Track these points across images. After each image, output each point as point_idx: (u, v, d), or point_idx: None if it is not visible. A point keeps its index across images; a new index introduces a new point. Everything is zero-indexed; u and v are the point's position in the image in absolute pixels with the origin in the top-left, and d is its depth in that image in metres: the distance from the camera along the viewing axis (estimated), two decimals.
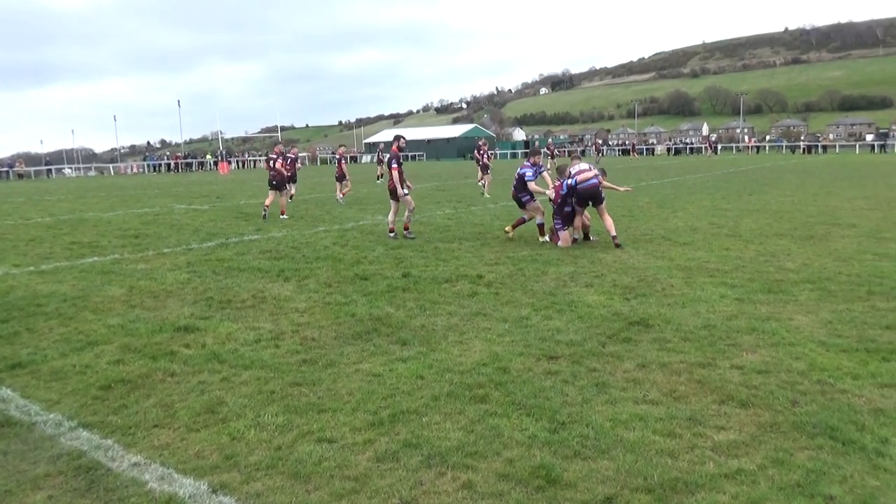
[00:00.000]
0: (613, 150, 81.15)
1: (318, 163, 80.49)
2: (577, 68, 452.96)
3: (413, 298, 7.36)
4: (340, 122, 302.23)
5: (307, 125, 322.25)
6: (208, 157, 73.73)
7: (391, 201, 12.15)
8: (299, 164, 24.83)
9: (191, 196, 25.30)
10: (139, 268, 9.58)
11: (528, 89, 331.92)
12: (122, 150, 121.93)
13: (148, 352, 5.67)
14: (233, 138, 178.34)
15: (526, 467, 3.60)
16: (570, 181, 10.82)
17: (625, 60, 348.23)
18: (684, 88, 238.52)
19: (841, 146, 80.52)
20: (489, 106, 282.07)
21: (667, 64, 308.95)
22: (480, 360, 5.29)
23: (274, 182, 16.00)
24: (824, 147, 74.29)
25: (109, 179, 51.54)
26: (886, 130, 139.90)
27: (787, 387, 4.62)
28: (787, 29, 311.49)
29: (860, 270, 8.36)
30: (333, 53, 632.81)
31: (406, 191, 11.96)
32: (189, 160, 71.17)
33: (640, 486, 3.40)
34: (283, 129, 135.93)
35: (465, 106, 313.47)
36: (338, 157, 21.37)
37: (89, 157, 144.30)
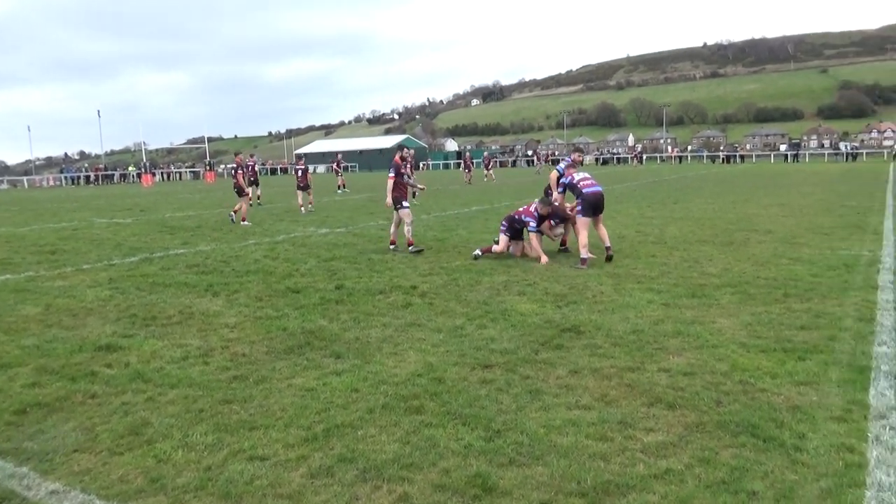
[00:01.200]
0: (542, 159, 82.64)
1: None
2: (507, 80, 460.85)
3: (347, 311, 7.29)
4: (270, 133, 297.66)
5: (236, 136, 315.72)
6: (131, 168, 71.25)
7: (395, 211, 11.73)
8: (258, 168, 27.65)
9: (112, 209, 24.36)
10: (56, 285, 9.14)
11: (460, 100, 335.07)
12: (36, 162, 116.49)
13: (66, 373, 5.41)
14: (157, 150, 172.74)
15: (462, 477, 3.60)
16: (565, 180, 10.47)
17: (554, 73, 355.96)
18: (611, 100, 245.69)
19: (757, 156, 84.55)
20: (421, 117, 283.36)
21: (594, 76, 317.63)
22: (415, 370, 5.28)
23: (236, 189, 17.81)
24: (742, 157, 77.85)
25: (23, 193, 49.10)
26: (798, 141, 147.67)
27: (711, 388, 4.79)
28: (705, 44, 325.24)
29: (776, 274, 8.76)
30: (264, 63, 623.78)
31: (400, 204, 11.45)
32: (110, 172, 68.60)
33: (573, 491, 3.45)
34: (210, 140, 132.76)
35: (397, 117, 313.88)
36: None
37: (1, 169, 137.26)
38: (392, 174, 11.50)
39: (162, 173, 71.60)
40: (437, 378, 5.10)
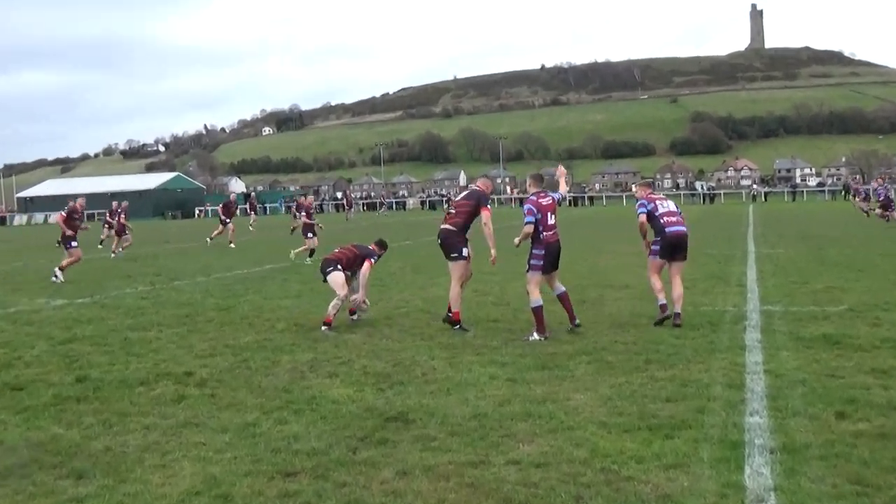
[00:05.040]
0: (359, 203, 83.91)
1: None
2: (309, 104, 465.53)
3: (93, 411, 6.81)
4: None
5: None
6: None
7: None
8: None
9: None
10: None
11: (248, 128, 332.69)
12: None
13: None
14: None
15: None
16: (647, 206, 10.59)
17: (366, 96, 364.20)
18: (436, 130, 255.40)
19: (608, 197, 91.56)
20: (197, 149, 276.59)
21: (416, 101, 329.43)
22: (192, 488, 5.00)
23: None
24: (591, 199, 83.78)
25: None
26: (651, 179, 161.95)
27: (569, 480, 4.97)
28: (543, 66, 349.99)
29: (636, 337, 9.41)
30: None
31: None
32: None
33: None
34: None
35: (163, 149, 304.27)
36: None
37: None
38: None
39: None
40: (222, 495, 4.87)
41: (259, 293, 14.58)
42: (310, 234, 21.47)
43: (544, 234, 9.81)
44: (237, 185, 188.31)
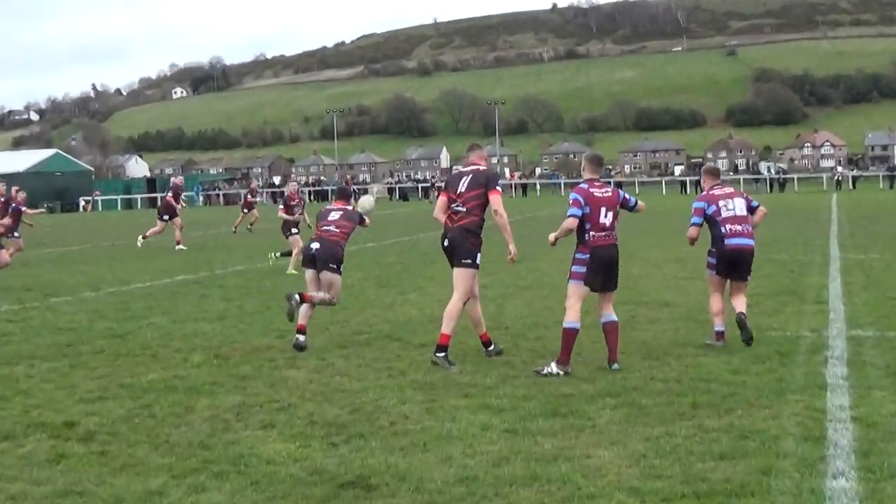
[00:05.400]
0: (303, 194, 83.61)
1: None
2: (236, 57, 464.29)
3: None
4: None
5: None
6: None
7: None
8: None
9: None
10: None
11: (153, 90, 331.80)
12: None
13: None
14: None
15: None
16: (705, 207, 11.03)
17: (314, 46, 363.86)
18: (409, 93, 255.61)
19: (642, 183, 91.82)
20: (82, 117, 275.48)
21: (381, 54, 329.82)
22: None
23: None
24: (619, 185, 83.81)
25: None
26: (700, 160, 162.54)
27: None
28: (555, 6, 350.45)
29: (679, 372, 9.45)
30: None
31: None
32: None
33: None
34: None
35: (36, 117, 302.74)
36: None
37: None
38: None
39: None
40: None
41: (167, 314, 14.51)
42: (294, 231, 21.63)
43: (592, 234, 9.95)
44: (138, 167, 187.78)
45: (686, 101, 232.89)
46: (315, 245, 11.61)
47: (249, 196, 40.31)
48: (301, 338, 11.09)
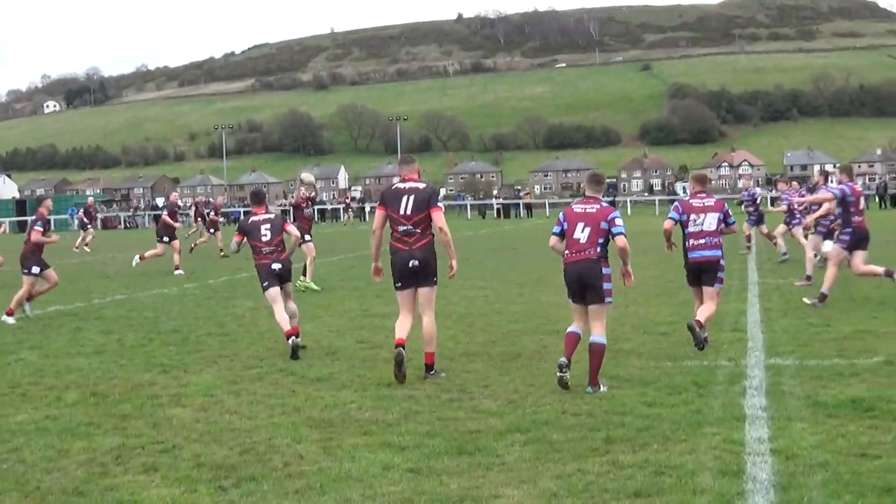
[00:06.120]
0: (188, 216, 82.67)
1: None
2: (115, 68, 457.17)
3: None
4: None
5: None
6: None
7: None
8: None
9: None
10: None
11: (22, 103, 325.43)
12: None
13: None
14: None
15: None
16: (680, 217, 13.00)
17: (201, 57, 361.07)
18: (305, 108, 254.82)
19: (553, 205, 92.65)
20: None
21: (274, 66, 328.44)
22: None
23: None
24: (528, 207, 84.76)
25: None
26: (614, 179, 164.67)
27: None
28: (461, 17, 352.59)
29: (592, 405, 9.53)
30: None
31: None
32: None
33: None
34: None
35: None
36: None
37: None
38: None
39: None
40: None
41: (38, 349, 14.23)
42: (308, 238, 22.40)
43: (566, 251, 10.79)
44: (6, 188, 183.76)
45: (599, 118, 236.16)
46: (277, 266, 13.33)
47: (212, 214, 39.93)
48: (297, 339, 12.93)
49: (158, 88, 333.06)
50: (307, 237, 21.76)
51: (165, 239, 28.34)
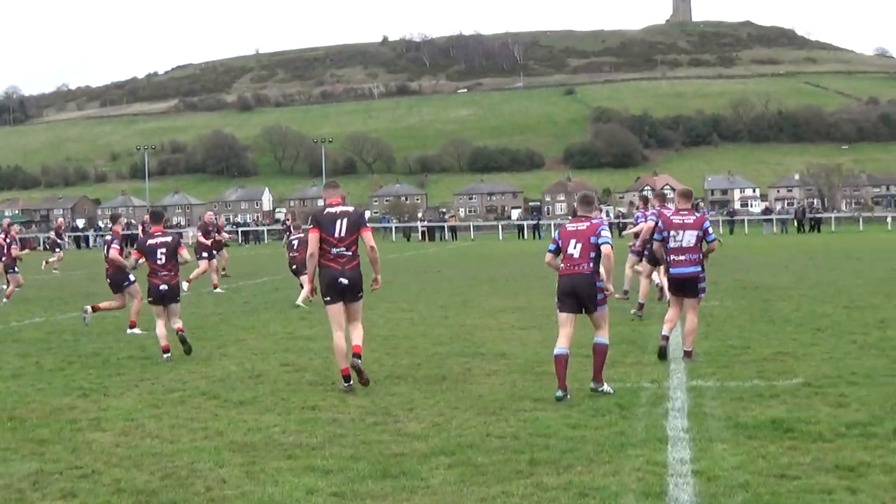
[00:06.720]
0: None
1: None
2: (36, 88, 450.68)
3: None
4: None
5: None
6: None
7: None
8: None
9: None
10: None
11: None
12: None
13: None
14: None
15: None
16: (661, 234, 13.86)
17: (123, 77, 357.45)
18: (229, 129, 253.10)
19: (477, 227, 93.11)
20: None
21: (198, 86, 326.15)
22: None
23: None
24: (454, 230, 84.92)
25: None
26: (538, 203, 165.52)
27: None
28: (386, 40, 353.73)
29: (517, 427, 9.58)
30: None
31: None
32: None
33: None
34: None
35: None
36: None
37: None
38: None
39: None
40: None
41: None
42: (205, 255, 25.49)
43: (562, 264, 11.46)
44: None
45: (523, 142, 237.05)
46: (164, 287, 14.57)
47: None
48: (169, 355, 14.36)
49: (80, 108, 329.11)
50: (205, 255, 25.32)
51: (204, 255, 29.20)
